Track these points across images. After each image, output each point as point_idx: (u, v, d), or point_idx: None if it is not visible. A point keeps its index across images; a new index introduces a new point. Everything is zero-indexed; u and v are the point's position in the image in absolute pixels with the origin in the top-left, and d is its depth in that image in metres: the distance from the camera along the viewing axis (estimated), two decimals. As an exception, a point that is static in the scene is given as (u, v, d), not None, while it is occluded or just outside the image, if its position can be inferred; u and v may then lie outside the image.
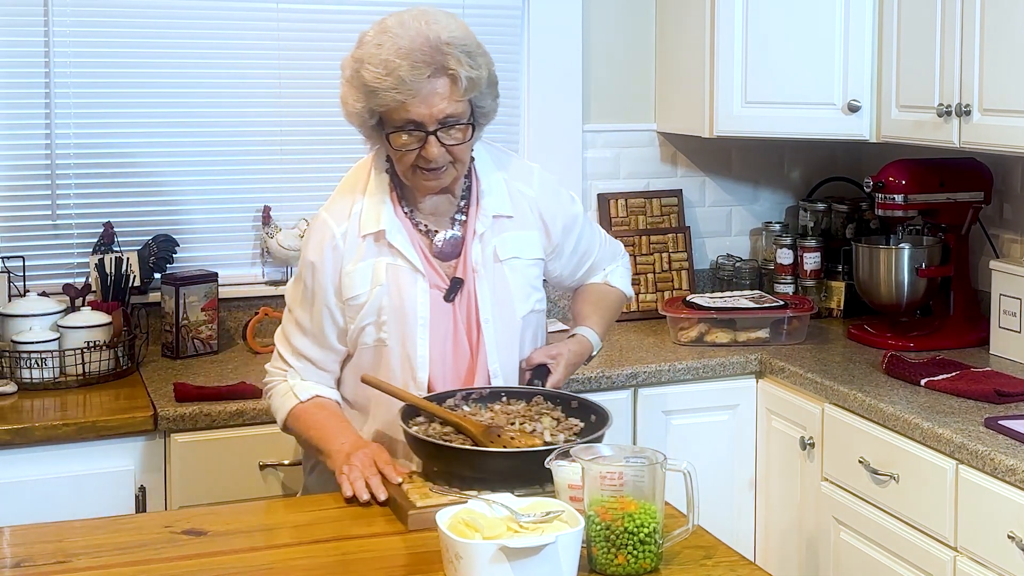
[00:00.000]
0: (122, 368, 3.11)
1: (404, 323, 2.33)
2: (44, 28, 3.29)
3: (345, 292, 2.34)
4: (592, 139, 3.85)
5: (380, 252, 2.34)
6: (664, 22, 3.84)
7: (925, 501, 2.69)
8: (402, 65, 2.19)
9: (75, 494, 2.77)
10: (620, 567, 1.87)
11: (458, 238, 2.39)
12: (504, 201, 2.42)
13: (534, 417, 2.24)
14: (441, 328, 2.35)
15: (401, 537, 2.05)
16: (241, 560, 1.96)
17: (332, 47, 3.55)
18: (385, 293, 2.32)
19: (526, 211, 2.44)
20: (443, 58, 2.21)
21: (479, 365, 2.37)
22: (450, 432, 2.18)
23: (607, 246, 2.67)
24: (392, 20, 2.27)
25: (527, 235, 2.44)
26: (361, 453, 2.22)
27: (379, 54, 2.22)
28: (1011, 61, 2.84)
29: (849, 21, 3.33)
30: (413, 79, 2.20)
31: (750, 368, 3.33)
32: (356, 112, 2.29)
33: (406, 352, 2.33)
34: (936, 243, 3.39)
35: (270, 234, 3.47)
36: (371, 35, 2.28)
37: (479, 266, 2.37)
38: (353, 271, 2.33)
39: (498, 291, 2.38)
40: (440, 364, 2.35)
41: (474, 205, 2.40)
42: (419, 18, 2.25)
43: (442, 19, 2.27)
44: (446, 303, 2.36)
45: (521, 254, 2.42)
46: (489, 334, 2.37)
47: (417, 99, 2.22)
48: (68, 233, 3.37)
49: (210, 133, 3.48)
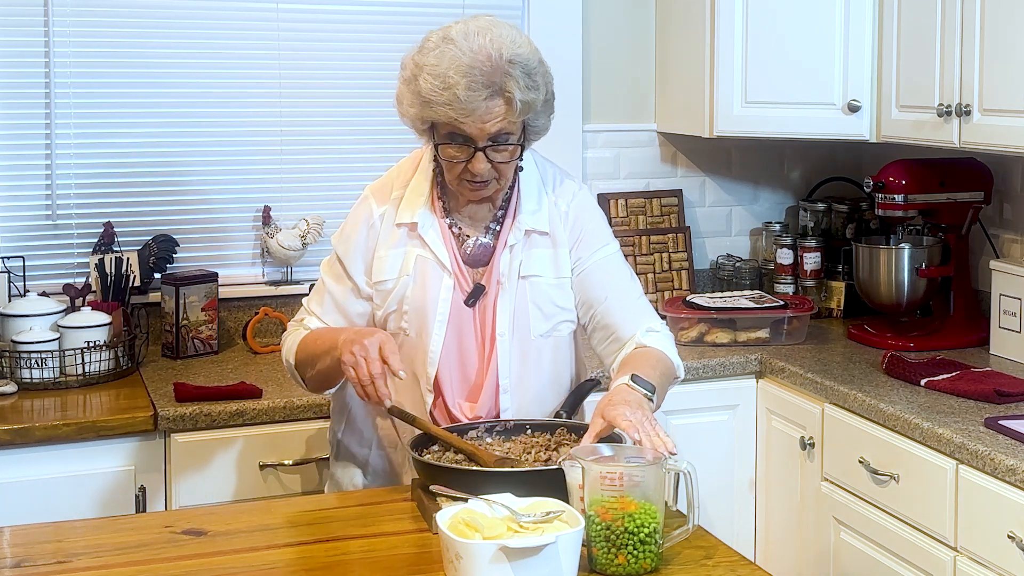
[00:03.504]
0: (122, 368, 3.11)
1: (424, 317, 2.34)
2: (44, 28, 3.29)
3: (375, 275, 2.37)
4: (592, 139, 3.85)
5: (411, 243, 2.37)
6: (664, 22, 3.85)
7: (925, 501, 2.69)
8: (460, 83, 2.18)
9: (75, 494, 2.77)
10: (620, 567, 1.87)
11: (488, 246, 2.39)
12: (541, 217, 2.40)
13: (551, 447, 2.21)
14: (458, 330, 2.36)
15: (401, 537, 2.05)
16: (241, 560, 1.96)
17: (332, 47, 3.57)
18: (411, 283, 2.35)
19: (559, 228, 2.42)
20: (502, 79, 2.20)
21: (488, 377, 2.36)
22: (463, 460, 2.16)
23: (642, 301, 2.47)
24: (457, 30, 2.24)
25: (558, 252, 2.41)
26: (366, 341, 2.18)
27: (439, 66, 2.20)
28: (1011, 61, 2.84)
29: (849, 21, 3.33)
30: (468, 98, 2.19)
31: (750, 368, 3.33)
32: (409, 114, 2.30)
33: (422, 345, 2.35)
34: (936, 243, 3.39)
35: (270, 234, 3.47)
36: (434, 41, 2.25)
37: (504, 279, 2.37)
38: (385, 256, 2.36)
39: (517, 307, 2.37)
40: (450, 366, 2.36)
41: (510, 217, 2.39)
42: (484, 32, 2.22)
43: (506, 34, 2.24)
44: (466, 307, 2.36)
45: (545, 273, 2.39)
46: (503, 348, 2.36)
47: (471, 118, 2.21)
48: (68, 233, 3.37)
49: (210, 133, 3.48)
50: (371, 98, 3.57)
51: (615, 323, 2.41)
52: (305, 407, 2.89)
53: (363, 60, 3.58)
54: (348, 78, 3.58)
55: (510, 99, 2.21)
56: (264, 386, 2.99)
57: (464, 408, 2.36)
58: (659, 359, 2.33)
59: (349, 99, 3.58)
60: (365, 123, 3.59)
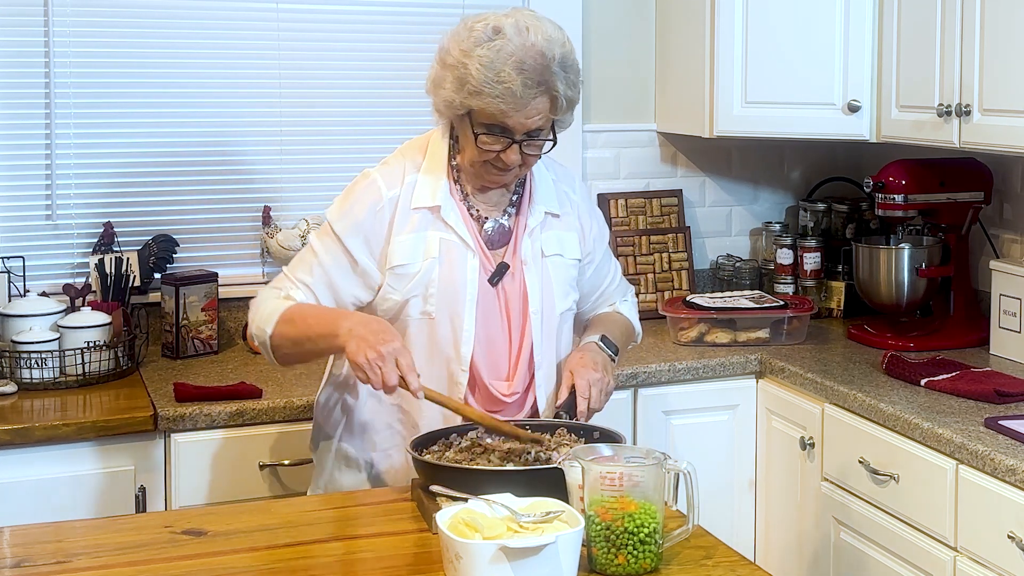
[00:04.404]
0: (122, 368, 3.11)
1: (454, 297, 2.35)
2: (44, 28, 3.29)
3: (393, 259, 2.35)
4: (592, 139, 3.85)
5: (433, 226, 2.37)
6: (664, 22, 3.84)
7: (925, 501, 2.69)
8: (516, 80, 2.23)
9: (75, 494, 2.77)
10: (620, 567, 1.87)
11: (506, 228, 2.43)
12: (553, 200, 2.48)
13: (551, 447, 2.22)
14: (485, 309, 2.38)
15: (401, 537, 2.05)
16: (241, 560, 1.96)
17: (332, 47, 3.57)
18: (437, 265, 2.35)
19: (570, 212, 2.51)
20: (551, 78, 2.26)
21: (523, 355, 2.40)
22: (463, 461, 2.16)
23: (621, 279, 2.69)
24: (508, 23, 2.27)
25: (569, 235, 2.49)
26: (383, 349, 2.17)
27: (494, 60, 2.24)
28: (1011, 61, 2.84)
29: (849, 21, 3.33)
30: (524, 95, 2.25)
31: (750, 368, 3.33)
32: (447, 99, 2.31)
33: (453, 326, 2.35)
34: (936, 243, 3.39)
35: (270, 234, 3.47)
36: (480, 30, 2.28)
37: (528, 258, 2.41)
38: (404, 240, 2.35)
39: (545, 285, 2.43)
40: (482, 344, 2.37)
41: (527, 199, 2.45)
42: (536, 29, 2.27)
43: (553, 32, 2.30)
44: (490, 287, 2.39)
45: (564, 253, 2.47)
46: (536, 325, 2.40)
47: (521, 113, 2.27)
48: (68, 233, 3.37)
49: (210, 133, 3.48)
50: (371, 98, 3.58)
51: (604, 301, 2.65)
52: (305, 407, 2.89)
53: (363, 60, 3.59)
54: (348, 78, 3.58)
55: (555, 97, 2.28)
56: (264, 386, 2.99)
57: (500, 387, 2.39)
58: (626, 325, 2.63)
59: (349, 99, 3.58)
60: (365, 123, 3.59)
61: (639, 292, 3.79)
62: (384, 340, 2.19)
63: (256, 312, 2.40)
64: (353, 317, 2.29)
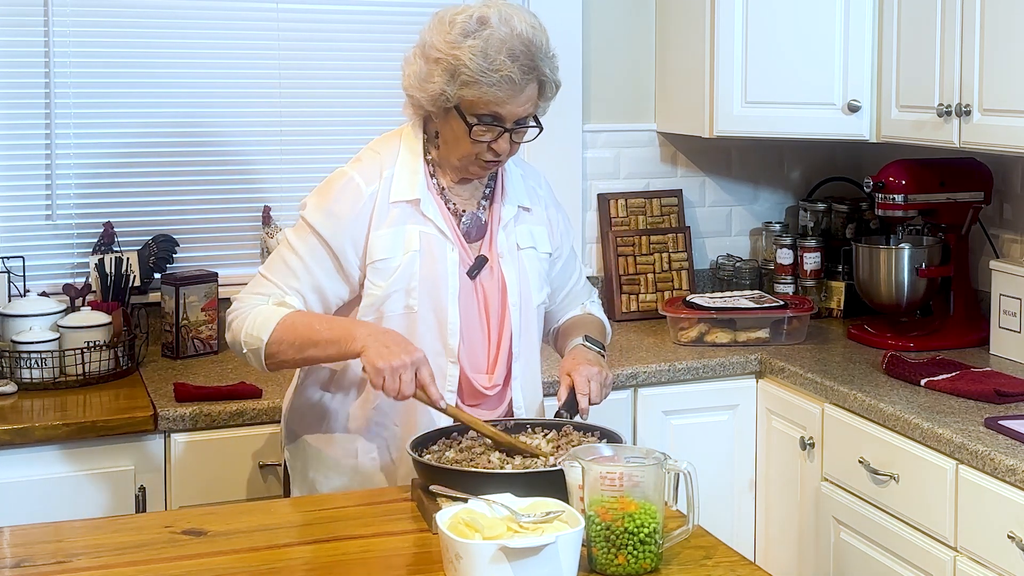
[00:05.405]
0: (122, 368, 3.11)
1: (436, 291, 2.36)
2: (44, 28, 3.29)
3: (373, 254, 2.35)
4: (592, 139, 3.85)
5: (412, 219, 2.37)
6: (664, 22, 3.85)
7: (925, 501, 2.69)
8: (512, 67, 2.26)
9: (75, 494, 2.77)
10: (620, 567, 1.87)
11: (482, 221, 2.45)
12: (523, 194, 2.51)
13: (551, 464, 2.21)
14: (465, 302, 2.39)
15: (401, 537, 2.05)
16: (241, 560, 1.96)
17: (332, 47, 3.57)
18: (418, 259, 2.35)
19: (539, 207, 2.53)
20: (540, 64, 2.31)
21: (502, 347, 2.41)
22: (464, 461, 2.16)
23: (585, 280, 2.72)
24: (491, 13, 2.30)
25: (540, 230, 2.52)
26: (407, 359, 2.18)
27: (486, 49, 2.26)
28: (1011, 61, 2.84)
29: (849, 21, 3.33)
30: (521, 81, 2.28)
31: (750, 368, 3.33)
32: (434, 92, 2.31)
33: (438, 319, 2.36)
34: (936, 243, 3.39)
35: (270, 234, 3.47)
36: (463, 22, 2.29)
37: (504, 251, 2.43)
38: (384, 235, 2.35)
39: (522, 278, 2.45)
40: (463, 337, 2.38)
41: (499, 192, 2.47)
42: (517, 18, 2.30)
43: (531, 19, 2.34)
44: (469, 279, 2.40)
45: (537, 246, 2.50)
46: (515, 317, 2.42)
47: (515, 100, 2.29)
48: (68, 233, 3.37)
49: (210, 133, 3.48)
50: (371, 98, 3.57)
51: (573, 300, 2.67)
52: (305, 407, 2.89)
53: (363, 60, 3.59)
54: (348, 78, 3.58)
55: (543, 82, 2.33)
56: (264, 386, 2.99)
57: (481, 380, 2.41)
58: (600, 325, 2.66)
59: (349, 99, 3.59)
60: (365, 123, 3.58)
61: (639, 292, 3.80)
62: (409, 350, 2.21)
63: (245, 319, 2.37)
64: (368, 325, 2.31)
